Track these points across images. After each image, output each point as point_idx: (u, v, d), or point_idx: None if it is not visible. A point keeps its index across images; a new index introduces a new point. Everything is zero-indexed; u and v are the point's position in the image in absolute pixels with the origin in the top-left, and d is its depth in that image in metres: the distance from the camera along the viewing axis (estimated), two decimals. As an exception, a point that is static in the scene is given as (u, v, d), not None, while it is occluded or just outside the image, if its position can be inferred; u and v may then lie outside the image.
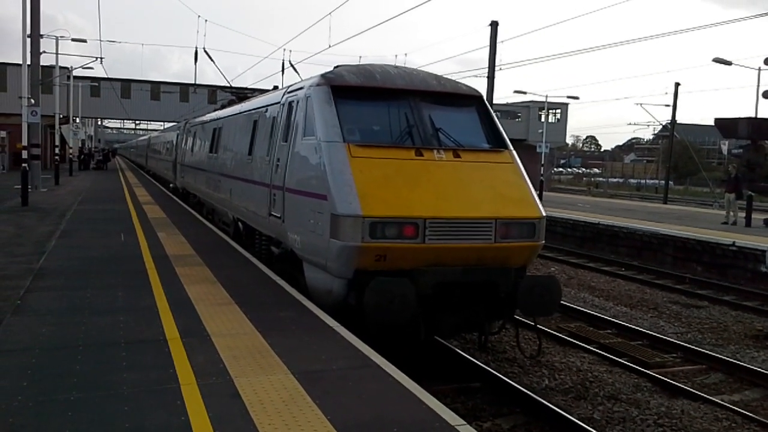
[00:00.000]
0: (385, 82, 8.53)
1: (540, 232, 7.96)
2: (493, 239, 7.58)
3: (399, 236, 7.24)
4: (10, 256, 10.81)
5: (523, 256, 8.02)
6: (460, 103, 8.94)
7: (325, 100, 8.23)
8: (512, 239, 7.72)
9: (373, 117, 8.40)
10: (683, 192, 66.16)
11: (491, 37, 35.31)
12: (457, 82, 9.46)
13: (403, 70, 9.08)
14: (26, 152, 21.10)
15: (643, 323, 11.71)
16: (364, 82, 8.50)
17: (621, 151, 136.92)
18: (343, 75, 8.58)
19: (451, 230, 7.42)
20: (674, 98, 43.10)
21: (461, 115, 8.84)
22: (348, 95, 8.34)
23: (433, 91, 8.72)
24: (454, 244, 7.44)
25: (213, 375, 5.16)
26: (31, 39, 24.45)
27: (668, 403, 7.83)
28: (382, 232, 7.21)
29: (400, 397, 4.89)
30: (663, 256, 18.29)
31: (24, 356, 5.48)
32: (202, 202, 18.30)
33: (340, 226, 7.27)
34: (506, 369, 8.79)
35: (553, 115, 64.94)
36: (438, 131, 8.26)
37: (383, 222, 7.21)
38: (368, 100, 8.44)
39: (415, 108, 8.36)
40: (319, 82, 8.52)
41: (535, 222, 7.88)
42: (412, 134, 8.13)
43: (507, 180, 8.12)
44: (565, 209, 25.92)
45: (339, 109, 8.11)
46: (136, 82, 55.40)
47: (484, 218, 7.56)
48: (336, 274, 7.57)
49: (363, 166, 7.55)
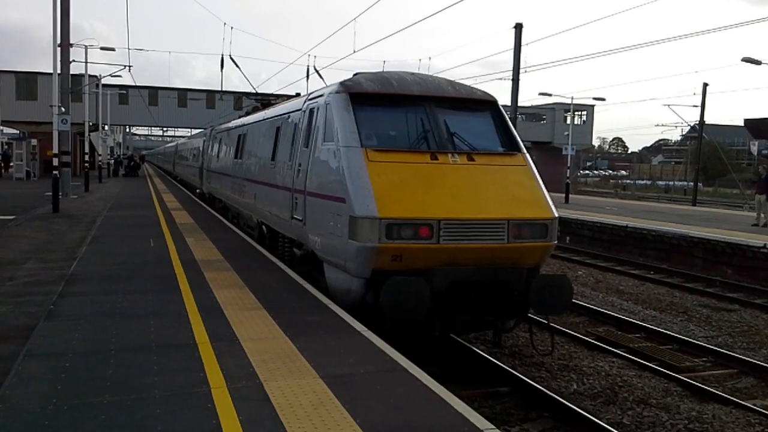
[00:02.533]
0: (401, 88, 8.78)
1: (552, 233, 8.14)
2: (505, 239, 7.78)
3: (414, 237, 7.48)
4: (43, 262, 11.01)
5: (535, 256, 8.17)
6: (474, 108, 9.14)
7: (343, 106, 8.50)
8: (524, 239, 7.90)
9: (390, 122, 8.65)
10: (712, 194, 65.25)
11: (515, 40, 35.19)
12: (473, 87, 9.59)
13: (419, 77, 9.27)
14: (57, 160, 21.45)
15: (672, 327, 11.57)
16: (381, 89, 8.76)
17: (648, 152, 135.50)
18: (360, 82, 8.85)
19: (464, 231, 7.63)
20: (702, 99, 42.59)
21: (476, 120, 9.03)
22: (366, 102, 8.59)
23: (448, 97, 8.93)
24: (467, 244, 7.65)
25: (243, 379, 5.21)
26: (61, 48, 24.88)
27: (699, 408, 7.73)
28: (398, 233, 7.45)
29: (428, 401, 4.90)
30: (692, 259, 18.05)
31: (58, 360, 5.59)
32: (227, 206, 18.69)
33: (358, 227, 7.52)
34: (534, 373, 8.74)
35: (578, 116, 64.52)
36: (453, 135, 8.49)
37: (399, 223, 7.45)
38: (385, 106, 8.69)
39: (430, 113, 8.58)
40: (338, 90, 8.80)
41: (548, 223, 8.09)
42: (427, 139, 8.38)
43: (520, 182, 8.31)
44: (593, 212, 25.69)
45: (357, 115, 8.37)
46: (163, 89, 56.12)
47: (497, 219, 7.76)
48: (354, 274, 7.80)
49: (380, 169, 7.81)
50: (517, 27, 35.23)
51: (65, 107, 24.12)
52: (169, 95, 55.79)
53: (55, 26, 21.92)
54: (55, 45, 22.13)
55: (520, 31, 35.18)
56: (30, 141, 44.46)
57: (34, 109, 46.55)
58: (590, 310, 12.35)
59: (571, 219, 23.42)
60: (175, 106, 56.00)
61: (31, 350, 5.89)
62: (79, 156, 47.13)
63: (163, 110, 55.43)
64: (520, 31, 35.19)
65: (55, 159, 21.34)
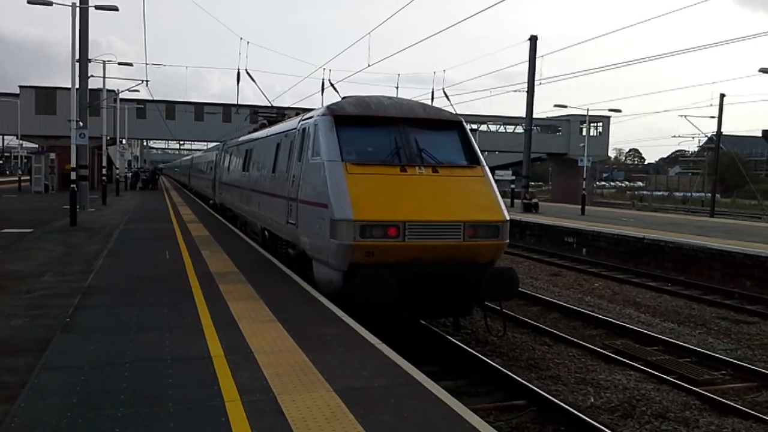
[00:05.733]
0: (379, 111, 10.16)
1: (504, 233, 9.44)
2: (462, 238, 9.09)
3: (384, 236, 8.82)
4: (60, 275, 11.09)
5: (489, 253, 9.47)
6: (442, 127, 10.48)
7: (328, 127, 9.87)
8: (479, 239, 9.21)
9: (368, 140, 9.99)
10: (730, 205, 64.56)
11: (530, 52, 35.20)
12: (441, 109, 11.17)
13: (395, 101, 10.69)
14: (75, 173, 21.65)
15: (691, 340, 11.43)
16: (361, 111, 10.16)
17: (665, 163, 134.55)
18: (344, 106, 10.32)
19: (426, 231, 8.97)
20: (719, 109, 42.29)
21: (443, 138, 10.34)
22: (347, 123, 9.95)
23: (419, 118, 10.26)
24: (429, 242, 8.97)
25: (257, 392, 5.21)
26: (79, 63, 25.20)
27: (718, 422, 7.61)
28: (371, 233, 8.79)
29: (442, 415, 4.86)
30: (711, 271, 17.84)
31: (73, 373, 5.61)
32: (236, 215, 20.02)
33: (337, 228, 8.88)
34: (550, 387, 8.66)
35: (594, 128, 64.23)
36: (421, 151, 9.80)
37: (371, 225, 8.80)
38: (364, 126, 10.04)
39: (402, 132, 9.91)
40: (324, 113, 10.19)
41: (499, 225, 9.39)
42: (399, 154, 9.70)
43: (477, 190, 9.66)
44: (609, 224, 25.52)
45: (339, 134, 9.75)
46: (180, 103, 56.57)
47: (454, 221, 9.09)
48: (335, 267, 9.11)
49: (357, 180, 9.17)
50: (531, 39, 35.25)
51: (83, 121, 24.36)
52: (185, 109, 56.24)
53: (74, 42, 22.21)
54: (74, 60, 22.41)
55: (534, 43, 35.20)
56: (48, 155, 44.91)
57: (53, 124, 47.09)
58: (607, 322, 12.23)
59: (587, 231, 23.28)
60: (191, 120, 56.44)
61: (47, 363, 5.93)
62: (97, 169, 47.58)
63: (180, 124, 55.87)
64: (535, 43, 35.20)
65: (73, 172, 21.53)
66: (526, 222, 27.62)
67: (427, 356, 9.33)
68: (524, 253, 23.02)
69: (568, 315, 12.99)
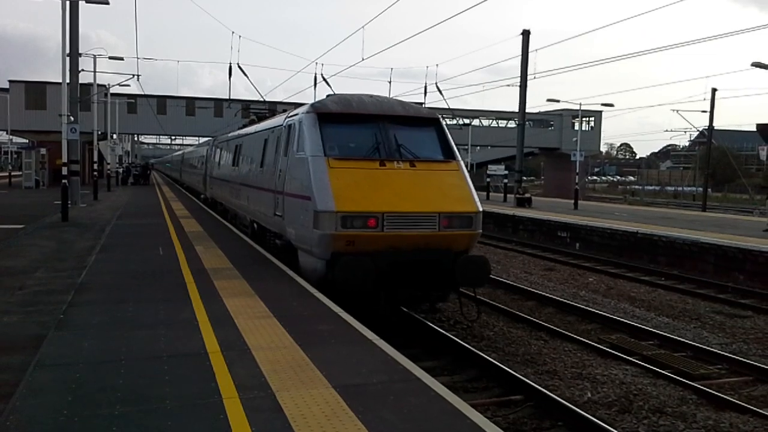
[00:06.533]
0: (360, 108, 10.69)
1: (477, 224, 10.01)
2: (437, 228, 9.63)
3: (364, 226, 9.35)
4: (53, 271, 11.00)
5: (463, 242, 10.00)
6: (420, 124, 10.97)
7: (312, 124, 10.40)
8: (453, 229, 9.75)
9: (349, 136, 10.52)
10: (722, 199, 64.88)
11: (523, 46, 35.19)
12: (420, 107, 11.77)
13: (376, 99, 11.16)
14: (66, 168, 21.48)
15: (686, 334, 11.45)
16: (343, 109, 10.67)
17: (656, 158, 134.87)
18: (327, 104, 10.83)
19: (404, 222, 9.50)
20: (711, 104, 42.43)
21: (421, 134, 10.85)
22: (330, 120, 10.47)
23: (398, 115, 10.78)
24: (406, 232, 9.51)
25: (254, 389, 5.16)
26: (70, 58, 24.98)
27: (716, 416, 7.62)
28: (351, 224, 9.32)
29: (442, 411, 4.83)
30: (704, 265, 17.90)
31: (68, 370, 5.55)
32: (227, 209, 20.54)
33: (320, 219, 9.40)
34: (547, 382, 8.65)
35: (586, 123, 64.33)
36: (400, 147, 10.29)
37: (352, 216, 9.32)
38: (346, 123, 10.54)
39: (382, 129, 10.40)
40: (308, 110, 10.72)
41: (472, 215, 9.95)
42: (379, 149, 10.18)
43: (452, 183, 10.18)
44: (602, 218, 25.56)
45: (322, 131, 10.27)
46: (171, 98, 56.25)
47: (430, 212, 9.61)
48: (318, 256, 9.67)
49: (338, 174, 9.68)
50: (524, 34, 35.23)
51: (74, 116, 24.19)
52: (177, 104, 55.91)
53: (64, 36, 21.98)
54: (64, 54, 22.19)
55: (527, 38, 35.17)
56: (39, 150, 44.62)
57: (43, 119, 46.75)
58: (602, 317, 12.24)
59: (580, 225, 23.31)
60: (183, 115, 56.12)
61: (41, 360, 5.86)
62: (88, 165, 47.30)
63: (171, 119, 55.54)
64: (528, 37, 35.18)
65: (64, 168, 21.36)
66: (519, 217, 27.64)
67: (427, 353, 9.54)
68: (518, 248, 23.03)
69: (563, 310, 12.99)
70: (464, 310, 11.19)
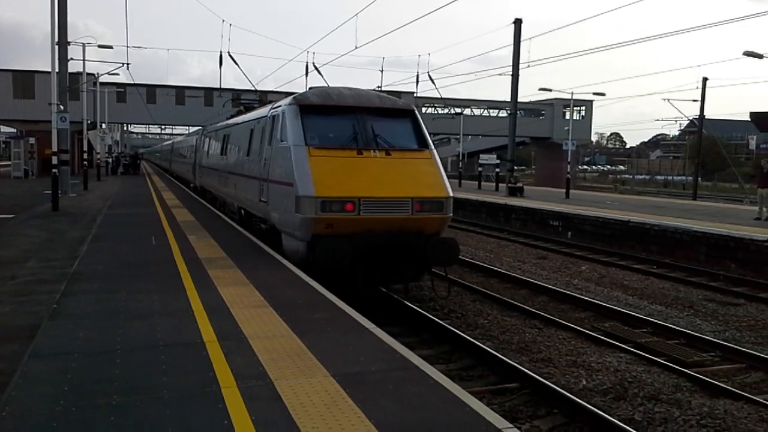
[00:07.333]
0: (339, 100, 11.28)
1: (447, 208, 10.63)
2: (410, 212, 10.27)
3: (342, 210, 9.98)
4: (45, 261, 10.92)
5: (434, 225, 10.66)
6: (396, 115, 11.58)
7: (294, 115, 11.00)
8: (425, 213, 10.39)
9: (329, 127, 11.09)
10: (712, 188, 65.24)
11: (515, 35, 35.10)
12: (396, 99, 12.18)
13: (355, 92, 11.77)
14: (56, 158, 21.31)
15: (679, 322, 11.49)
16: (323, 101, 11.29)
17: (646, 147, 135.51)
18: (308, 96, 11.47)
19: (379, 206, 10.12)
20: (702, 93, 42.49)
21: (396, 124, 11.44)
22: (311, 111, 11.07)
23: (375, 107, 11.36)
24: (381, 216, 10.14)
25: (253, 378, 5.13)
26: (58, 47, 24.73)
27: (710, 403, 7.65)
28: (330, 208, 9.95)
29: (442, 399, 4.82)
30: (696, 254, 17.98)
31: (64, 361, 5.50)
32: (216, 197, 21.15)
33: (301, 204, 10.05)
34: (542, 369, 8.67)
35: (577, 112, 64.40)
36: (376, 136, 10.89)
37: (330, 201, 9.96)
38: (326, 114, 11.15)
39: (360, 120, 10.99)
40: (290, 102, 11.31)
41: (443, 200, 10.57)
42: (357, 139, 10.79)
43: (425, 171, 10.81)
44: (593, 207, 25.63)
45: (304, 121, 10.87)
46: (161, 87, 55.89)
47: (403, 197, 10.25)
48: (300, 238, 10.35)
49: (318, 162, 10.30)
50: (516, 22, 35.14)
51: (64, 105, 23.96)
52: (167, 93, 55.58)
53: (53, 24, 21.75)
54: (53, 43, 21.97)
55: (519, 26, 35.09)
56: (28, 139, 44.26)
57: (32, 108, 46.38)
58: (595, 305, 12.27)
59: (572, 214, 23.36)
60: (173, 104, 55.80)
61: (35, 350, 5.81)
62: (78, 154, 46.96)
63: (161, 108, 55.22)
64: (520, 26, 35.10)
65: (54, 157, 21.20)
66: (511, 206, 27.67)
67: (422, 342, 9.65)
68: (510, 237, 23.06)
69: (556, 298, 13.02)
70: (436, 289, 11.86)
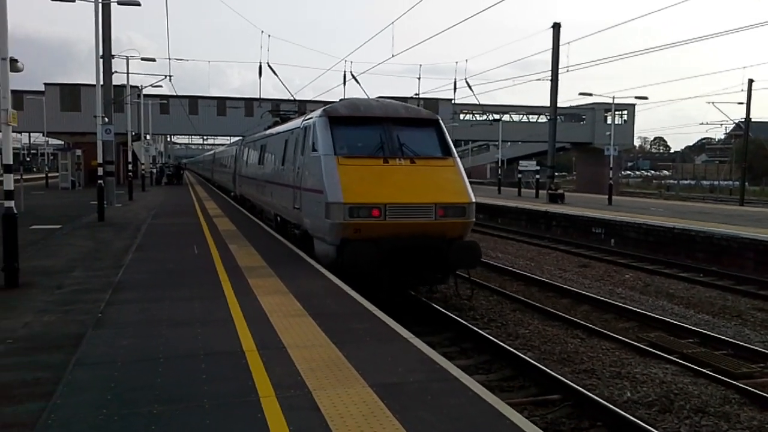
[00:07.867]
0: (366, 112, 11.91)
1: (470, 213, 11.13)
2: (433, 217, 10.79)
3: (369, 216, 10.54)
4: (90, 270, 11.14)
5: (457, 230, 11.11)
6: (421, 124, 12.12)
7: (324, 126, 11.63)
8: (447, 218, 10.88)
9: (357, 137, 11.65)
10: (759, 193, 63.47)
11: (554, 40, 34.79)
12: (421, 109, 12.94)
13: (382, 103, 12.47)
14: (101, 169, 21.76)
15: (726, 332, 11.19)
16: (352, 112, 11.91)
17: (691, 152, 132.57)
18: (337, 108, 12.08)
19: (404, 211, 10.67)
20: (747, 95, 41.53)
21: (421, 134, 11.98)
22: (340, 122, 11.68)
23: (401, 117, 11.91)
24: (406, 221, 10.68)
25: (291, 387, 5.14)
26: (103, 60, 25.31)
27: (760, 417, 7.41)
28: (358, 213, 10.52)
29: (481, 411, 4.76)
30: (743, 261, 17.50)
31: (107, 369, 5.59)
32: (254, 205, 21.97)
33: (331, 210, 10.63)
34: (585, 381, 8.51)
35: (619, 116, 63.36)
36: (402, 145, 11.44)
37: (358, 207, 10.53)
38: (354, 125, 11.74)
39: (386, 130, 11.54)
40: (321, 114, 11.96)
41: (465, 206, 11.07)
42: (383, 148, 11.33)
43: (448, 178, 11.32)
44: (637, 214, 25.15)
45: (333, 132, 11.49)
46: (203, 98, 56.76)
47: (427, 203, 10.79)
48: (330, 243, 10.88)
49: (347, 170, 10.88)
50: (555, 26, 34.83)
51: (109, 117, 24.51)
52: (208, 104, 56.38)
53: (97, 38, 22.28)
54: (98, 56, 22.52)
55: (558, 30, 34.77)
56: (75, 151, 45.32)
57: (78, 120, 47.55)
58: (640, 314, 12.02)
59: (615, 221, 22.97)
60: (214, 115, 56.58)
61: (80, 359, 5.92)
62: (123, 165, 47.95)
63: (203, 119, 56.04)
64: (558, 30, 34.78)
65: (99, 168, 21.65)
66: (552, 213, 27.34)
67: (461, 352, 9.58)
68: (551, 245, 22.78)
69: (599, 307, 12.79)
70: (459, 291, 12.27)
